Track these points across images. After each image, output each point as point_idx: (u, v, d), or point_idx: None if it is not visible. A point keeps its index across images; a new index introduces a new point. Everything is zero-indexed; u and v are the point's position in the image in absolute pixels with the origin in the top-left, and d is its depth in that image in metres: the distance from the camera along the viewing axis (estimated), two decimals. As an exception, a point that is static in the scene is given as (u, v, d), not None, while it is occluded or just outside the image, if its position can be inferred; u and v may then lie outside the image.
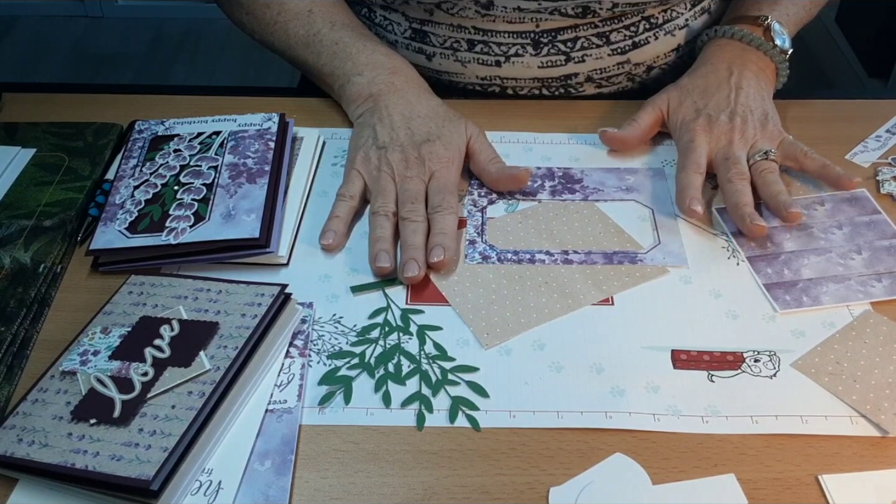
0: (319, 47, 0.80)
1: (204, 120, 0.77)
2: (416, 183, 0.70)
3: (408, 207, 0.68)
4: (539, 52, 0.82)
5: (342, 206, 0.70)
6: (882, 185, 0.74)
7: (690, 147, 0.73)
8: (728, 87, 0.76)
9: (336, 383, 0.59)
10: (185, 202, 0.68)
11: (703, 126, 0.74)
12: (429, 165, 0.71)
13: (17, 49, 2.68)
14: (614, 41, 0.82)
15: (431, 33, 0.82)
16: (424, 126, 0.74)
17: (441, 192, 0.70)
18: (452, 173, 0.72)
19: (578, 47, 0.82)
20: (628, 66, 0.84)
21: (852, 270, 0.66)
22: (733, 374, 0.59)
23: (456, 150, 0.73)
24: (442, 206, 0.69)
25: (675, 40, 0.85)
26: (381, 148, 0.72)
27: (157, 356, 0.57)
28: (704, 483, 0.53)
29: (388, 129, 0.73)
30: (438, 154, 0.72)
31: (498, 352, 0.61)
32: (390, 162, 0.71)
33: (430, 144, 0.72)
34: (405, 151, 0.72)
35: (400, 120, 0.74)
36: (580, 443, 0.55)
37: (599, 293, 0.65)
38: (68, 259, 0.68)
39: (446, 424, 0.56)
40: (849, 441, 0.55)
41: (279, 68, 0.87)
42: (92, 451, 0.51)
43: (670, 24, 0.84)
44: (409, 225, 0.67)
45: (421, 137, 0.73)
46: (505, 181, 0.73)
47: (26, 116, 0.81)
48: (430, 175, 0.71)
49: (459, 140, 0.74)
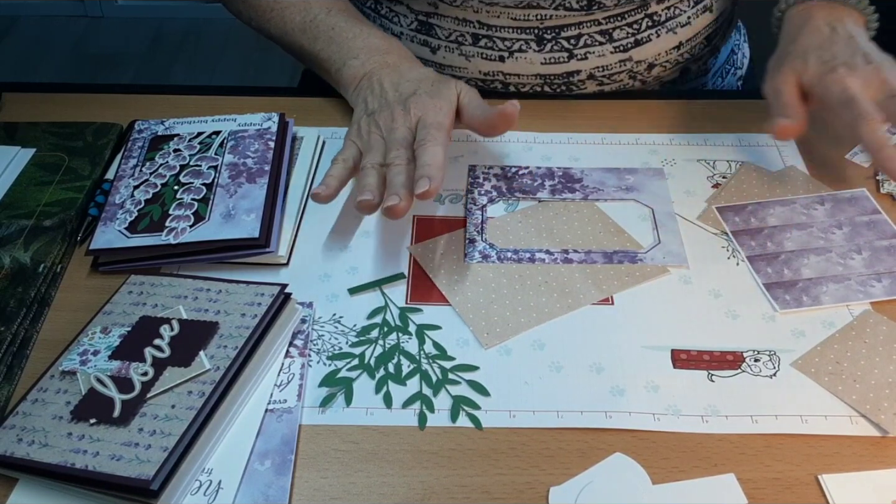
0: (316, 33, 0.81)
1: (204, 120, 0.77)
2: (402, 131, 0.69)
3: (392, 154, 0.67)
4: (542, 49, 0.82)
5: (336, 167, 0.69)
6: (882, 185, 0.74)
7: (847, 96, 0.67)
8: (840, 37, 0.72)
9: (337, 385, 0.59)
10: (185, 202, 0.68)
11: (847, 73, 0.68)
12: (414, 112, 0.70)
13: (18, 49, 2.69)
14: (617, 38, 0.82)
15: (437, 26, 0.83)
16: (412, 86, 0.73)
17: (425, 128, 0.68)
18: (440, 115, 0.70)
19: (581, 44, 0.82)
20: (630, 64, 0.85)
21: (852, 270, 0.66)
22: (733, 373, 0.59)
23: (444, 99, 0.71)
24: (425, 139, 0.67)
25: (677, 38, 0.85)
26: (371, 114, 0.72)
27: (157, 356, 0.57)
28: (704, 483, 0.53)
29: (377, 97, 0.73)
30: (424, 102, 0.71)
31: (498, 351, 0.61)
32: (378, 122, 0.71)
33: (416, 97, 0.71)
34: (392, 109, 0.71)
35: (389, 86, 0.74)
36: (580, 442, 0.55)
37: (599, 293, 0.65)
38: (68, 259, 0.68)
39: (448, 424, 0.56)
40: (848, 441, 0.55)
41: (279, 68, 0.87)
42: (92, 451, 0.51)
43: (672, 21, 0.84)
44: (393, 169, 0.66)
45: (408, 94, 0.72)
46: (494, 120, 0.70)
47: (26, 116, 0.81)
48: (417, 120, 0.70)
49: (448, 92, 0.72)
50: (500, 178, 0.76)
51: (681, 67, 0.89)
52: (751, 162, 0.77)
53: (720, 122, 0.82)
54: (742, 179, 0.75)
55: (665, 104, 0.84)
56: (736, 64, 0.99)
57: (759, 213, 0.72)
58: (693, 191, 0.74)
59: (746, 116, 0.82)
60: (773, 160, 0.77)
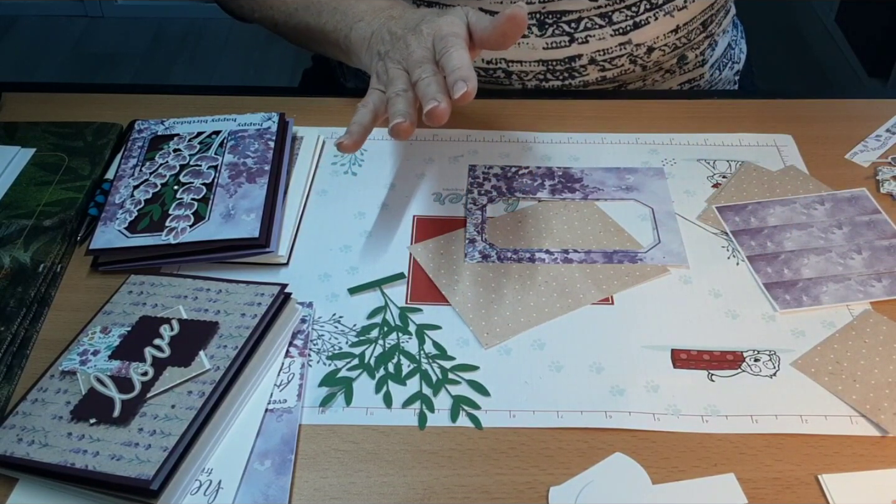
0: (319, 6, 0.81)
1: (204, 119, 0.77)
2: (420, 51, 0.67)
3: (416, 72, 0.65)
4: (544, 33, 0.83)
5: (359, 113, 0.67)
6: (882, 185, 0.74)
7: None
8: None
9: (337, 385, 0.59)
10: (185, 202, 0.68)
11: None
12: (426, 32, 0.69)
13: (17, 49, 2.68)
14: (616, 21, 0.84)
15: None
16: (419, 16, 0.72)
17: (443, 38, 0.66)
18: (455, 26, 0.68)
19: (582, 28, 0.83)
20: (630, 47, 0.86)
21: (852, 270, 0.66)
22: (733, 373, 0.59)
23: (455, 16, 0.70)
24: (447, 46, 0.65)
25: (675, 21, 0.86)
26: (384, 55, 0.71)
27: (157, 356, 0.57)
28: (704, 482, 0.53)
29: (387, 40, 0.72)
30: (435, 21, 0.69)
31: (498, 351, 0.61)
32: (393, 57, 0.70)
33: (425, 21, 0.70)
34: (405, 38, 0.70)
35: (396, 27, 0.72)
36: (580, 442, 0.55)
37: (599, 292, 0.65)
38: (68, 259, 0.68)
39: (448, 424, 0.56)
40: (848, 440, 0.55)
41: (279, 68, 0.86)
42: (92, 451, 0.51)
43: (669, 4, 0.85)
44: (423, 82, 0.64)
45: (416, 22, 0.71)
46: (503, 25, 0.66)
47: (26, 116, 0.81)
48: (432, 39, 0.68)
49: (457, 11, 0.71)
50: (500, 178, 0.76)
51: (679, 53, 0.90)
52: (751, 162, 0.77)
53: (720, 122, 0.82)
54: (742, 179, 0.75)
55: (665, 104, 0.85)
56: (733, 59, 1.00)
57: (759, 212, 0.72)
58: (693, 190, 0.74)
59: (746, 116, 0.82)
60: (773, 160, 0.77)
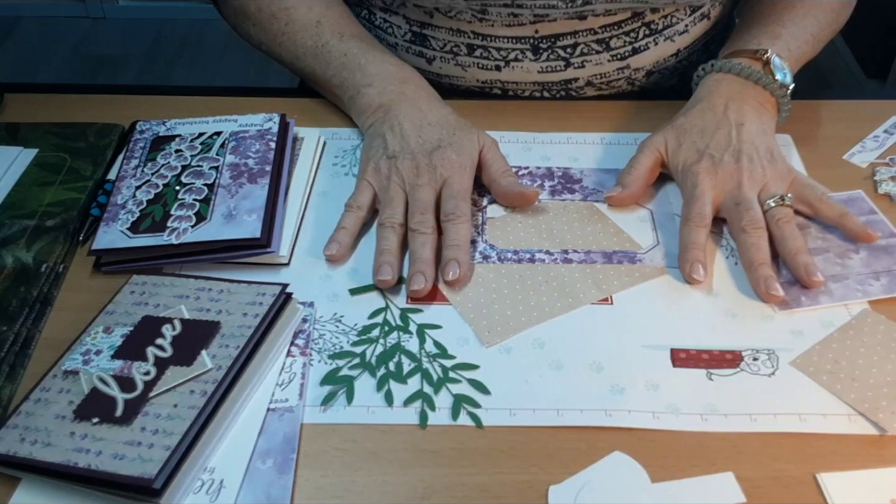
0: (328, 58, 0.79)
1: (205, 120, 0.77)
2: (427, 191, 0.69)
3: (417, 219, 0.67)
4: (538, 58, 0.81)
5: (349, 217, 0.69)
6: (879, 186, 0.74)
7: (694, 195, 0.68)
8: (728, 124, 0.72)
9: (338, 383, 0.59)
10: (187, 202, 0.69)
11: (707, 169, 0.69)
12: (440, 171, 0.70)
13: (19, 50, 2.69)
14: (614, 47, 0.82)
15: (431, 37, 0.82)
16: (435, 133, 0.72)
17: (454, 199, 0.68)
18: (465, 179, 0.70)
19: (578, 53, 0.81)
20: (628, 72, 0.84)
21: (850, 270, 0.67)
22: (732, 372, 0.60)
23: (468, 157, 0.71)
24: (455, 213, 0.67)
25: (675, 45, 0.85)
26: (392, 157, 0.71)
27: (159, 355, 0.57)
28: (703, 481, 0.53)
29: (398, 139, 0.72)
30: (450, 159, 0.70)
31: (498, 350, 0.61)
32: (400, 171, 0.70)
33: (441, 151, 0.71)
34: (416, 159, 0.70)
35: (410, 128, 0.72)
36: (579, 441, 0.56)
37: (599, 292, 0.65)
38: (70, 259, 0.69)
39: (449, 422, 0.57)
40: (847, 439, 0.56)
41: (280, 69, 0.86)
42: (94, 450, 0.51)
43: (670, 29, 0.83)
44: (419, 237, 0.66)
45: (432, 145, 0.71)
46: (513, 197, 0.71)
47: (28, 117, 0.82)
48: (442, 182, 0.70)
49: (472, 147, 0.72)
50: (500, 178, 0.76)
51: (679, 73, 0.89)
52: (750, 162, 0.77)
53: (719, 122, 0.82)
54: (741, 179, 0.75)
55: (665, 104, 0.84)
56: None
57: (758, 212, 0.72)
58: (692, 191, 0.74)
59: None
60: (772, 160, 0.77)
